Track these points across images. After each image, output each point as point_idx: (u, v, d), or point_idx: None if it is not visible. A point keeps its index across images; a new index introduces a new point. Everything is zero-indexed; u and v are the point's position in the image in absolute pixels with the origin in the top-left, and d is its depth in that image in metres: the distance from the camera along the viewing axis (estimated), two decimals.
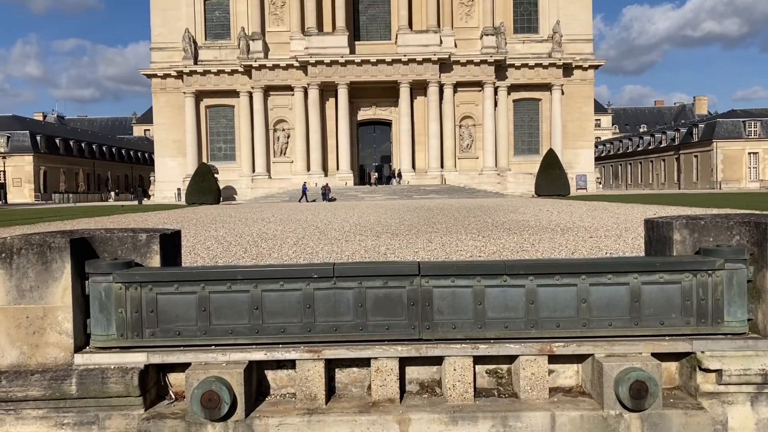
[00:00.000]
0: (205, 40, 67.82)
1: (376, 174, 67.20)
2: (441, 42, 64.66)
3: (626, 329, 5.42)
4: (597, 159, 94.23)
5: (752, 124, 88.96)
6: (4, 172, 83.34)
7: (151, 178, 71.94)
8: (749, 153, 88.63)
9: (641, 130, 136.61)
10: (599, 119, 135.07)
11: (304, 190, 57.73)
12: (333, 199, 55.60)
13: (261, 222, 25.79)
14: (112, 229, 6.00)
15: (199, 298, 5.40)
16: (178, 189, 65.50)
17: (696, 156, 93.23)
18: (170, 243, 6.07)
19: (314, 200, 56.19)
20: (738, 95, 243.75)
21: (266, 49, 65.87)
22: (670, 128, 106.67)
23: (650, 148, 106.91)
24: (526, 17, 68.65)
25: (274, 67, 64.81)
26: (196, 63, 66.10)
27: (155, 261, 5.71)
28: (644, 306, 5.41)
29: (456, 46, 65.54)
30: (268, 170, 66.21)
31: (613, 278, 5.41)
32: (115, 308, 5.42)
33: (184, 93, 66.49)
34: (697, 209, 27.64)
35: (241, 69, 65.47)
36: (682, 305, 5.42)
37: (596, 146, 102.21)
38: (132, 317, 5.41)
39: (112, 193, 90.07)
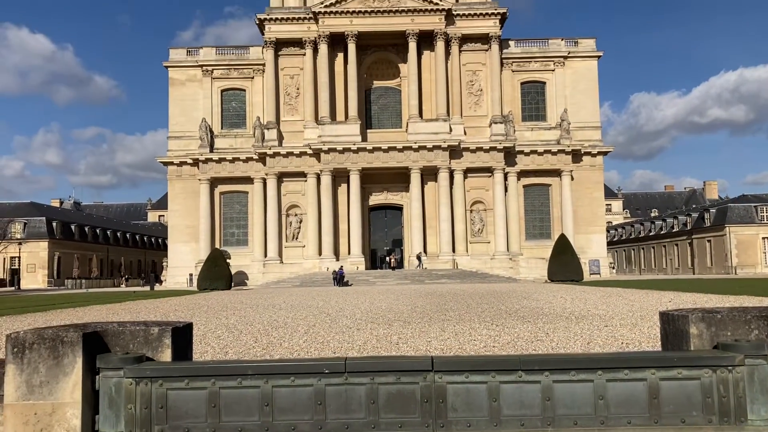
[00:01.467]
0: (221, 128, 69.76)
1: (398, 256, 67.00)
2: (451, 130, 66.10)
3: (646, 427, 5.25)
4: (609, 244, 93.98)
5: (764, 209, 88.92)
6: (19, 258, 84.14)
7: (164, 264, 72.30)
8: (763, 238, 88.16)
9: (652, 214, 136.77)
10: (610, 204, 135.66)
11: (341, 274, 56.62)
12: (348, 283, 55.56)
13: (272, 309, 25.65)
14: (125, 322, 5.99)
15: (209, 393, 5.32)
16: (190, 275, 65.67)
17: (709, 241, 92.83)
18: (182, 336, 6.03)
19: (348, 283, 55.89)
20: (748, 179, 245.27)
21: (280, 138, 67.55)
22: (682, 213, 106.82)
23: (662, 233, 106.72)
24: (533, 105, 70.33)
25: (288, 154, 66.23)
26: (211, 151, 67.74)
27: (166, 355, 5.67)
28: (663, 403, 5.26)
29: (465, 133, 66.96)
30: (280, 255, 66.48)
31: (630, 374, 5.29)
32: (124, 404, 5.33)
33: (199, 180, 67.79)
34: (712, 296, 27.27)
35: (255, 156, 66.94)
36: (703, 402, 5.27)
37: (608, 231, 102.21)
38: (141, 413, 5.31)
39: (124, 279, 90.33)
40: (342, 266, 59.32)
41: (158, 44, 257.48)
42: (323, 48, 67.36)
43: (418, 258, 63.79)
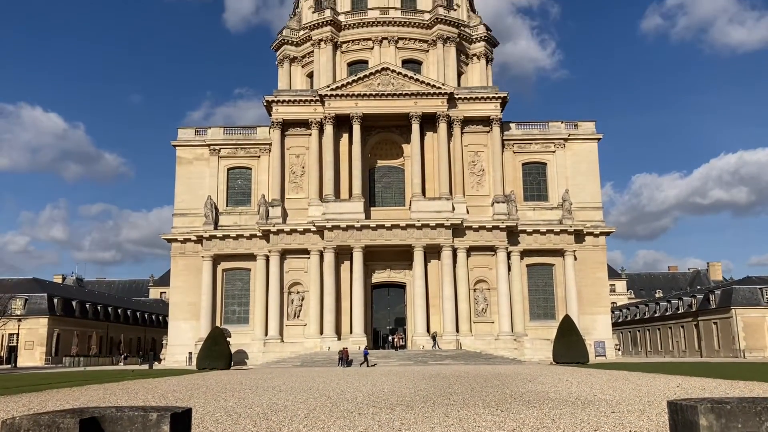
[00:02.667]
0: (226, 206, 70.46)
1: (401, 335, 66.06)
2: (453, 208, 66.62)
3: None
4: (614, 325, 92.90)
5: None
6: (18, 335, 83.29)
7: (164, 342, 71.44)
8: None
9: (657, 295, 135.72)
10: (614, 284, 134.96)
11: (346, 354, 55.60)
12: (351, 363, 54.68)
13: (271, 391, 25.15)
14: (123, 407, 5.90)
15: None
16: (190, 353, 64.76)
17: (715, 323, 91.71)
18: (180, 422, 5.93)
19: (352, 363, 54.80)
20: (753, 261, 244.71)
21: (285, 215, 68.07)
22: (687, 294, 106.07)
23: (667, 314, 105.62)
24: (535, 186, 71.13)
25: (292, 231, 66.57)
26: (216, 228, 68.17)
27: None
28: None
29: (468, 212, 67.45)
30: (281, 333, 65.71)
31: None
32: None
33: (202, 257, 67.91)
34: (721, 381, 26.71)
35: (259, 234, 67.28)
36: None
37: (612, 312, 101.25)
38: None
39: (123, 357, 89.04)
40: (347, 347, 58.39)
41: (168, 123, 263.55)
42: (329, 129, 68.85)
43: (433, 338, 62.82)
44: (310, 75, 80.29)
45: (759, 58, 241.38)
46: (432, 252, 66.48)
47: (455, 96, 69.48)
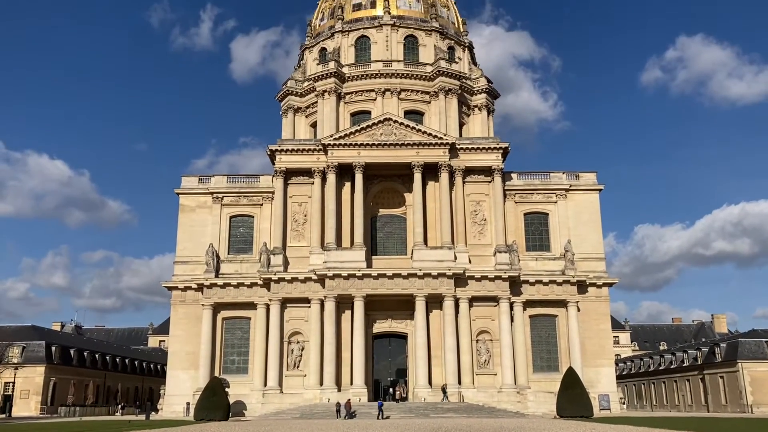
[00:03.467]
0: (228, 254, 70.41)
1: (403, 387, 64.96)
2: (455, 258, 66.43)
3: None
4: (618, 377, 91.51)
5: None
6: (14, 383, 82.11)
7: (161, 392, 70.41)
8: None
9: (661, 347, 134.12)
10: (617, 336, 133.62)
11: (347, 407, 55.01)
12: (354, 415, 53.89)
13: None
14: None
15: None
16: (188, 403, 63.71)
17: (722, 377, 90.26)
18: None
19: (354, 415, 54.03)
20: (758, 313, 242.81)
21: (286, 263, 67.90)
22: (691, 347, 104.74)
23: (672, 367, 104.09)
24: (537, 236, 71.13)
25: (293, 279, 66.29)
26: (217, 276, 67.94)
27: None
28: None
29: (470, 261, 67.25)
30: (280, 384, 64.73)
31: None
32: None
33: (202, 305, 67.49)
34: None
35: (260, 282, 66.99)
36: None
37: (616, 364, 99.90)
38: None
39: (120, 407, 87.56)
40: (349, 398, 57.51)
41: (173, 170, 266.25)
42: (331, 177, 69.28)
43: (443, 390, 61.73)
44: (314, 125, 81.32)
45: (759, 111, 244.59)
46: (434, 302, 65.99)
47: (457, 146, 70.12)
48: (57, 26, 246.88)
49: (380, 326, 67.96)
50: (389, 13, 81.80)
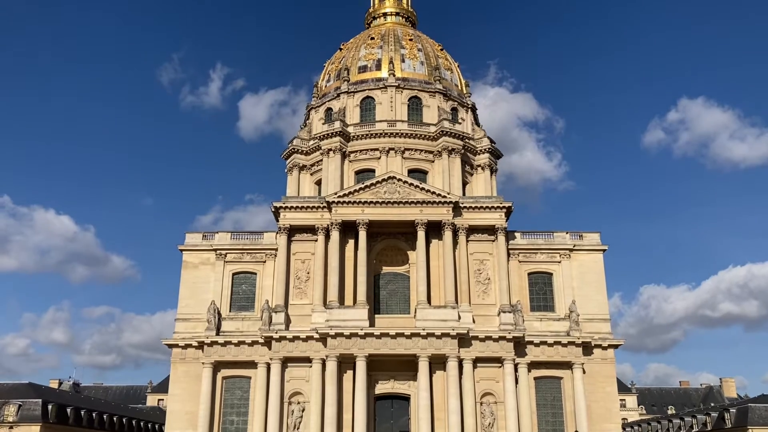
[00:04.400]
0: (229, 311, 69.96)
1: None
2: (459, 317, 65.86)
3: None
4: None
5: None
6: None
7: None
8: None
9: (669, 411, 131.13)
10: (624, 399, 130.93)
11: None
12: None
13: None
14: None
15: None
16: None
17: None
18: None
19: None
20: (767, 377, 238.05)
21: (288, 321, 67.33)
22: (700, 412, 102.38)
23: None
24: (541, 296, 70.68)
25: (295, 338, 65.58)
26: (218, 334, 67.30)
27: None
28: None
29: (474, 321, 66.59)
30: None
31: None
32: None
33: (203, 363, 66.62)
34: None
35: (261, 340, 66.28)
36: None
37: (623, 428, 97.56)
38: None
39: None
40: None
41: (178, 226, 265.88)
42: (335, 235, 69.37)
43: None
44: (318, 182, 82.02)
45: (762, 173, 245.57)
46: (437, 362, 65.01)
47: (460, 205, 70.44)
48: (67, 82, 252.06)
49: (382, 387, 66.76)
50: (394, 75, 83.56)
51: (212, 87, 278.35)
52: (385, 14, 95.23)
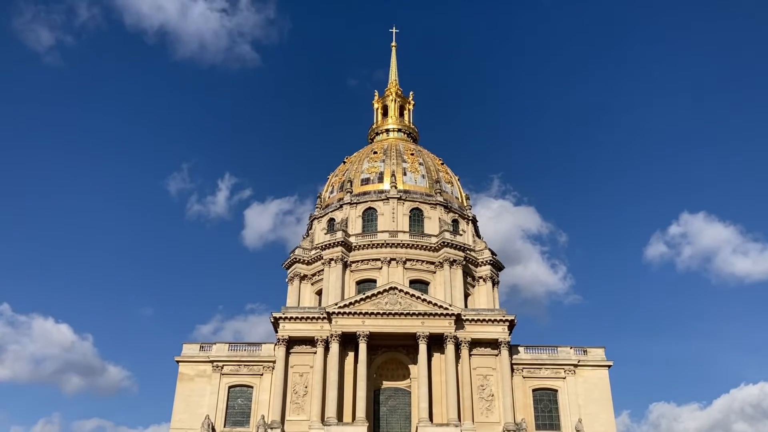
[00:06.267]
0: (224, 426, 67.62)
1: None
2: None
3: None
4: None
5: None
6: None
7: None
8: None
9: None
10: None
11: None
12: None
13: None
14: None
15: None
16: None
17: None
18: None
19: None
20: None
21: None
22: None
23: None
24: (546, 414, 68.60)
25: None
26: None
27: None
28: None
29: None
30: None
31: None
32: None
33: None
34: None
35: None
36: None
37: None
38: None
39: None
40: None
41: (177, 336, 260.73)
42: (334, 347, 68.07)
43: None
44: (319, 292, 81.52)
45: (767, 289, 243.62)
46: None
47: (462, 317, 69.60)
48: (73, 188, 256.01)
49: None
50: (396, 188, 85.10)
51: (219, 196, 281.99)
52: (387, 130, 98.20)
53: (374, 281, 78.16)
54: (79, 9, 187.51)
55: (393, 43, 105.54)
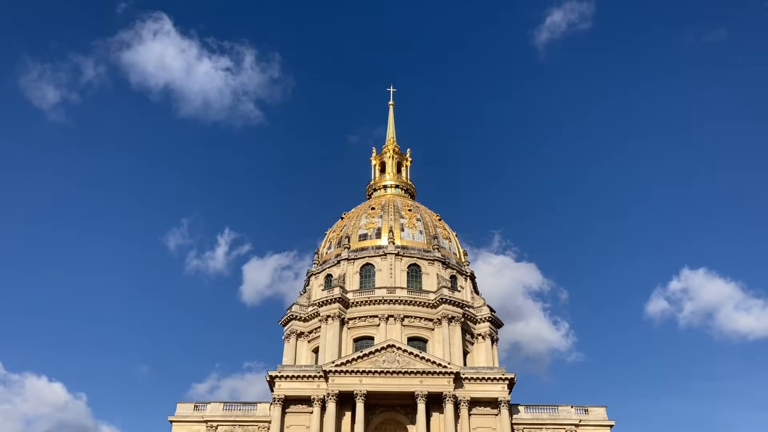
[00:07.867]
0: None
1: None
2: None
3: None
4: None
5: None
6: None
7: None
8: None
9: None
10: None
11: None
12: None
13: None
14: None
15: None
16: None
17: None
18: None
19: None
20: None
21: None
22: None
23: None
24: None
25: None
26: None
27: None
28: None
29: None
30: None
31: None
32: None
33: None
34: None
35: None
36: None
37: None
38: None
39: None
40: None
41: (173, 395, 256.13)
42: (331, 406, 66.74)
43: None
44: (316, 350, 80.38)
45: None
46: None
47: (461, 375, 68.50)
48: (69, 249, 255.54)
49: None
50: (393, 243, 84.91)
51: (219, 251, 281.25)
52: (385, 186, 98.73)
53: (372, 338, 77.21)
54: (85, 68, 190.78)
55: (390, 102, 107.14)
